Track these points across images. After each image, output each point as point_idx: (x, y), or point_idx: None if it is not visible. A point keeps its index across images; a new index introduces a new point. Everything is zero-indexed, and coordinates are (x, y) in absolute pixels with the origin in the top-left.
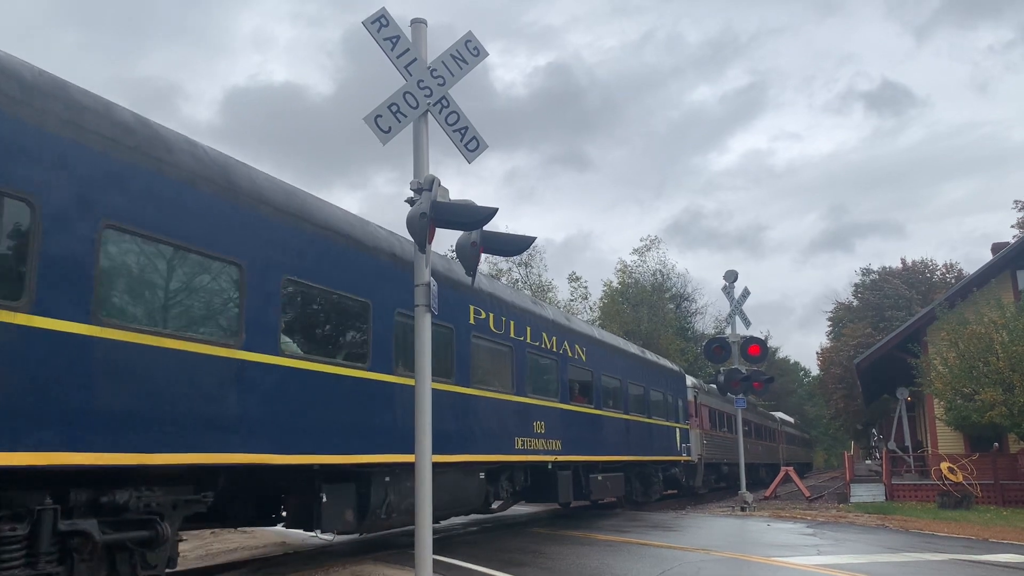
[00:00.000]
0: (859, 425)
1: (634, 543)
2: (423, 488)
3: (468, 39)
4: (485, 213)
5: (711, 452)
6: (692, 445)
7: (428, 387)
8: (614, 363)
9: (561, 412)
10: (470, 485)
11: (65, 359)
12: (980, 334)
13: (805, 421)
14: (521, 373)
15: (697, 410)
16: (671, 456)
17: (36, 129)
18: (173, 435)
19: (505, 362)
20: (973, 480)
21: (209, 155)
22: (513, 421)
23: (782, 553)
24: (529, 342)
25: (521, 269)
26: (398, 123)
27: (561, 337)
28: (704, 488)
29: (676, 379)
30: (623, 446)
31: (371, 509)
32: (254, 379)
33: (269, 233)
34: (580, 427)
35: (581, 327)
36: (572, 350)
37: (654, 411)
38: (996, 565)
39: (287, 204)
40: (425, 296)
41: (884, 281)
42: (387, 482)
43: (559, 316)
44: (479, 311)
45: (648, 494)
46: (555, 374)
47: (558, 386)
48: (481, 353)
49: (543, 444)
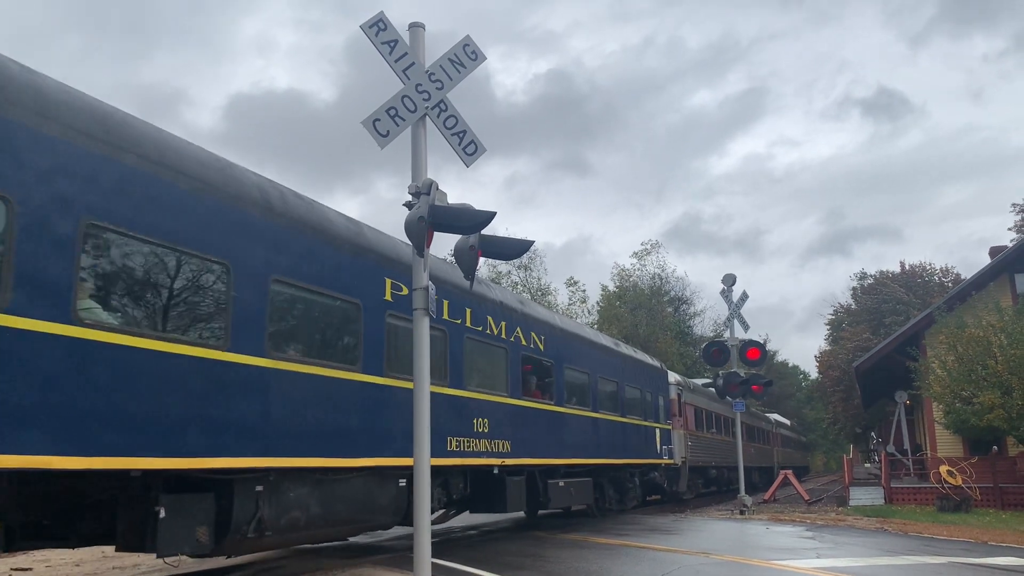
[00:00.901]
0: (858, 428)
1: (633, 546)
2: (422, 488)
3: (466, 43)
4: (483, 217)
5: (697, 454)
6: (675, 447)
7: (427, 389)
8: (581, 355)
9: (511, 409)
10: (385, 494)
11: None
12: (978, 337)
13: (804, 424)
14: (457, 362)
15: (681, 409)
16: (650, 459)
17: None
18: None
19: (437, 349)
20: (972, 483)
21: None
22: (445, 418)
23: (781, 556)
24: (469, 326)
25: (521, 272)
26: (396, 127)
27: (513, 323)
28: (690, 493)
29: (656, 375)
30: (591, 448)
31: (234, 526)
32: (27, 355)
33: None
34: (536, 426)
35: (539, 312)
36: (527, 338)
37: (630, 409)
38: (995, 568)
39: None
40: (423, 300)
41: (882, 285)
42: (258, 492)
43: (510, 299)
44: (399, 285)
45: (623, 501)
46: (503, 365)
47: (507, 379)
48: (402, 337)
49: (486, 445)
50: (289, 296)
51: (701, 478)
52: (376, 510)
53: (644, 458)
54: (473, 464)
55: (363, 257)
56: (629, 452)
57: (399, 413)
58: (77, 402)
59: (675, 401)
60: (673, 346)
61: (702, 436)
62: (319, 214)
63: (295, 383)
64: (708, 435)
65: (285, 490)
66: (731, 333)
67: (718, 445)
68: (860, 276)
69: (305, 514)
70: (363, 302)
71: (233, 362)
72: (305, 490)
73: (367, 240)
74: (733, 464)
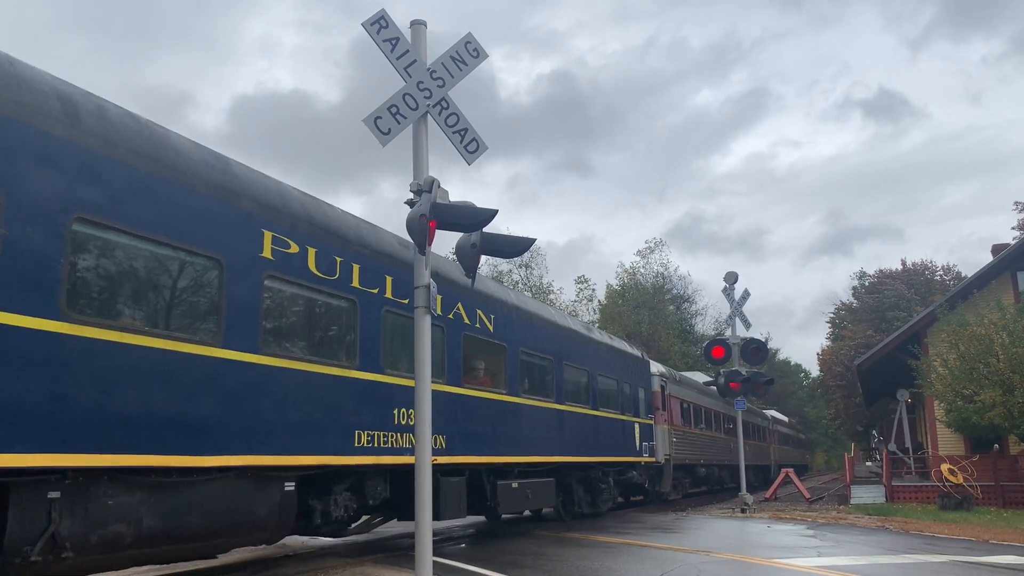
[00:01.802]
0: (859, 427)
1: (635, 545)
2: (423, 488)
3: (468, 40)
4: (485, 215)
5: (682, 452)
6: (657, 443)
7: (428, 387)
8: (543, 339)
9: (447, 398)
10: (263, 501)
11: None
12: (980, 335)
13: (805, 423)
14: (372, 341)
15: (665, 403)
16: (627, 456)
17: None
18: None
19: (341, 323)
20: (973, 481)
21: None
22: (353, 407)
23: (783, 555)
24: (389, 297)
25: (522, 271)
26: (397, 125)
27: (452, 297)
28: (676, 493)
29: (636, 365)
30: (554, 444)
31: (7, 546)
32: None
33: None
34: (481, 419)
35: (488, 288)
36: (471, 316)
37: (604, 402)
38: (997, 567)
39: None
40: (425, 298)
41: (883, 283)
42: (52, 500)
43: (448, 268)
44: (285, 241)
45: (596, 503)
46: (439, 346)
47: (443, 363)
48: (288, 304)
49: (411, 440)
50: (102, 242)
51: (688, 477)
52: (251, 521)
53: (621, 455)
54: (392, 463)
55: (229, 202)
56: (603, 449)
57: (283, 401)
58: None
59: (658, 394)
60: (675, 345)
61: (689, 432)
62: (159, 140)
63: (112, 357)
64: (696, 431)
65: (98, 497)
66: (733, 331)
67: (708, 442)
68: (860, 275)
69: (134, 529)
70: (227, 258)
71: (5, 324)
72: (134, 497)
73: (236, 181)
74: (725, 462)
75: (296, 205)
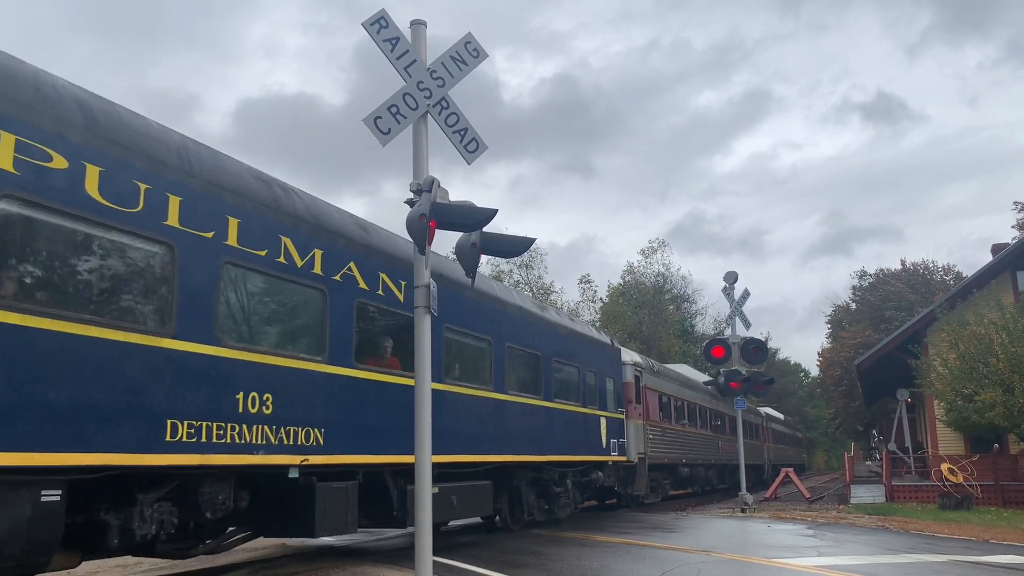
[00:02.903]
0: (859, 426)
1: (634, 544)
2: (423, 488)
3: (467, 40)
4: (485, 214)
5: (660, 449)
6: (630, 441)
7: (428, 385)
8: (477, 314)
9: (327, 380)
10: (4, 517)
11: None
12: (980, 335)
13: (806, 422)
14: (201, 301)
15: (640, 395)
16: (591, 455)
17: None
18: None
19: (149, 275)
20: (973, 481)
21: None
22: (166, 390)
23: (783, 554)
24: (233, 246)
25: (522, 271)
26: (397, 124)
27: (342, 253)
28: (655, 496)
29: (604, 352)
30: (493, 441)
31: None
32: None
33: None
34: (383, 409)
35: (396, 247)
36: (370, 279)
37: (561, 392)
38: (997, 566)
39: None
40: (425, 297)
41: (883, 283)
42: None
43: (331, 214)
44: (41, 150)
45: (552, 509)
46: (316, 314)
47: (322, 334)
48: (48, 240)
49: (267, 435)
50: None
51: (669, 478)
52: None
53: (583, 454)
54: (233, 464)
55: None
56: (559, 447)
57: (36, 377)
58: None
59: (631, 385)
60: (676, 344)
61: (669, 428)
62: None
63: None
64: (677, 427)
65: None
66: (733, 331)
67: (692, 439)
68: (860, 275)
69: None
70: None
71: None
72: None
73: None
74: (712, 461)
75: (67, 101)
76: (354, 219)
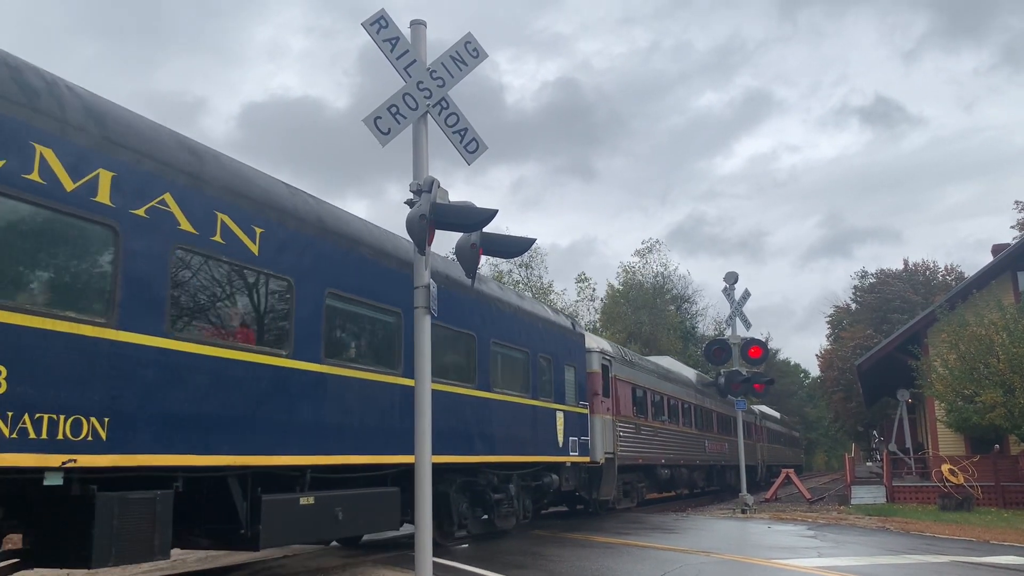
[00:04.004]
0: (860, 427)
1: (635, 545)
2: (423, 488)
3: (467, 40)
4: (485, 215)
5: (634, 449)
6: (596, 439)
7: (427, 387)
8: (377, 278)
9: (113, 352)
10: None
11: None
12: (980, 336)
13: (806, 422)
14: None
15: (609, 387)
16: (542, 455)
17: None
18: None
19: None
20: (974, 482)
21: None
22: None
23: (783, 555)
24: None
25: (522, 270)
26: (397, 124)
27: (147, 181)
28: (629, 501)
29: (562, 337)
30: (400, 438)
31: None
32: None
33: None
34: (222, 393)
35: (239, 178)
36: (197, 219)
37: (504, 381)
38: (997, 567)
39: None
40: (425, 298)
41: (885, 283)
42: None
43: (153, 137)
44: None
45: (492, 521)
46: (96, 259)
47: (108, 287)
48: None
49: (31, 429)
50: None
51: (646, 480)
52: None
53: (531, 454)
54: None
55: None
56: (499, 445)
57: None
58: None
59: (597, 376)
60: (677, 345)
61: (645, 424)
62: None
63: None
64: (655, 424)
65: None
66: (733, 331)
67: (673, 437)
68: (861, 275)
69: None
70: None
71: None
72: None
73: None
74: (697, 462)
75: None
76: (177, 138)
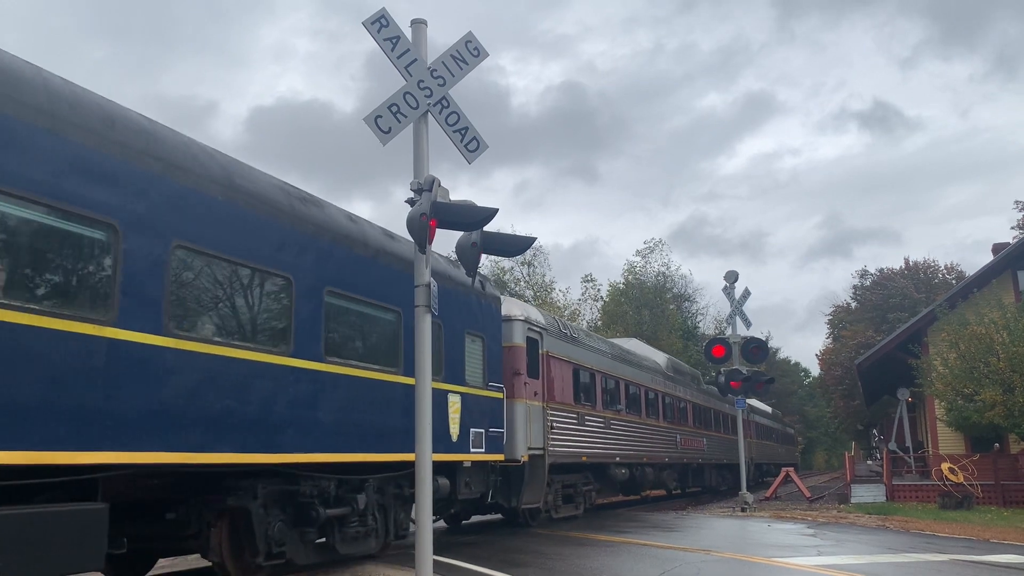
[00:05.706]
0: (860, 426)
1: (635, 543)
2: (423, 488)
3: (468, 39)
4: (485, 214)
5: (575, 444)
6: (516, 431)
7: (428, 387)
8: (99, 181)
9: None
10: None
11: None
12: (980, 335)
13: (806, 422)
14: None
15: (540, 366)
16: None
17: None
18: None
19: None
20: (974, 480)
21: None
22: None
23: (783, 554)
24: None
25: (524, 269)
26: (398, 123)
27: None
28: (572, 508)
29: (460, 296)
30: (169, 431)
31: None
32: None
33: None
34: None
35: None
36: None
37: (352, 348)
38: (997, 566)
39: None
40: (425, 297)
41: (886, 283)
42: None
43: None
44: None
45: (331, 547)
46: None
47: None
48: None
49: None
50: None
51: (596, 482)
52: None
53: (397, 451)
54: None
55: None
56: (337, 439)
57: None
58: None
59: (520, 351)
60: (678, 344)
61: (591, 414)
62: None
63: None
64: (608, 414)
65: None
66: (733, 330)
67: (633, 430)
68: (862, 274)
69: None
70: None
71: None
72: None
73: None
74: (665, 460)
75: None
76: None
